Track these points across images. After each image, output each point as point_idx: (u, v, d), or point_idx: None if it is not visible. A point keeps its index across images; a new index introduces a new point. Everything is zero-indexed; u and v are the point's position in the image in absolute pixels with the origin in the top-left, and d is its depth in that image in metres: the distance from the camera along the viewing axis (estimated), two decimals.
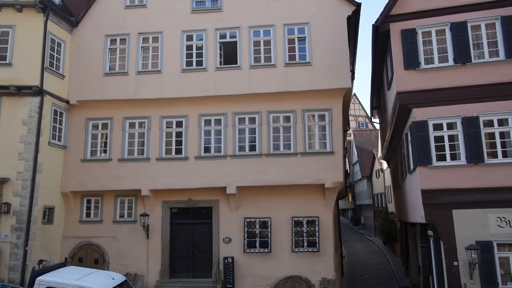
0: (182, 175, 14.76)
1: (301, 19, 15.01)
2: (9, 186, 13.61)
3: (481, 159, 11.37)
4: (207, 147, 15.08)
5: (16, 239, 13.37)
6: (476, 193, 11.29)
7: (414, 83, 12.27)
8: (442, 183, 11.58)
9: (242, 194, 14.79)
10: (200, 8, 15.64)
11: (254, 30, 15.22)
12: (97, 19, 15.96)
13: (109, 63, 15.75)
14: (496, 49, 11.87)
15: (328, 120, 14.61)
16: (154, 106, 15.28)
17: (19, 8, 14.33)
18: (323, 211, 14.55)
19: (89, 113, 15.64)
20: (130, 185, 14.96)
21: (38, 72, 14.18)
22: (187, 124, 15.17)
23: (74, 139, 15.52)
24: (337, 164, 14.30)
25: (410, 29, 12.55)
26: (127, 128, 15.49)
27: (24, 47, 14.26)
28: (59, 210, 15.14)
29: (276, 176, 14.34)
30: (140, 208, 15.27)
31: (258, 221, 14.68)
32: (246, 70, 14.91)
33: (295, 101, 14.73)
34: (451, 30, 12.20)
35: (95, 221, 15.46)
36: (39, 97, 14.18)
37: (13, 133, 13.89)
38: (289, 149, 14.63)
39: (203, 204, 15.16)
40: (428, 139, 11.88)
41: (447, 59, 12.18)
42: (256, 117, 14.95)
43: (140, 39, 15.68)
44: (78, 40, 15.89)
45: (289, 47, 14.95)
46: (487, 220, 11.18)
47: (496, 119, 11.59)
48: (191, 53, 15.38)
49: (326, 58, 14.57)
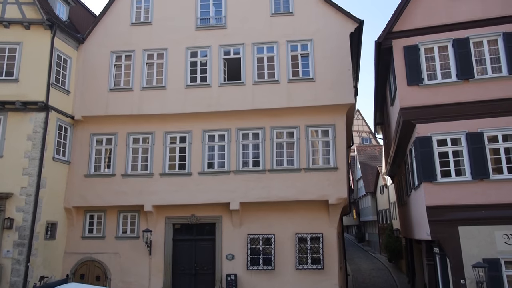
0: (185, 190, 14.73)
1: (304, 36, 15.16)
2: (12, 201, 13.61)
3: (486, 175, 11.28)
4: (210, 162, 15.07)
5: (18, 255, 13.29)
6: (482, 210, 11.17)
7: (417, 99, 12.29)
8: (448, 200, 11.47)
9: (246, 210, 14.70)
10: (205, 25, 15.85)
11: (258, 46, 15.37)
12: (103, 36, 16.20)
13: (114, 79, 15.91)
14: (499, 65, 11.91)
15: (331, 136, 14.61)
16: (158, 122, 15.36)
17: (27, 25, 14.59)
18: (327, 227, 14.41)
19: (94, 129, 15.73)
20: (133, 200, 14.93)
21: (44, 88, 14.33)
22: (190, 139, 15.20)
23: (78, 155, 15.57)
24: (341, 180, 14.23)
25: (412, 45, 12.63)
26: (131, 143, 15.55)
27: (31, 63, 14.45)
28: (61, 225, 15.09)
29: (280, 192, 14.27)
30: (143, 224, 15.19)
31: (261, 237, 14.55)
32: (249, 86, 15.01)
33: (298, 117, 14.77)
34: (454, 46, 12.27)
35: (97, 237, 15.37)
36: (44, 113, 14.30)
37: (18, 148, 13.95)
38: (293, 164, 14.59)
39: (206, 220, 15.07)
40: (432, 155, 11.82)
41: (450, 75, 12.22)
42: (259, 132, 14.97)
43: (145, 56, 15.86)
44: (84, 57, 16.10)
45: (293, 63, 15.07)
46: (494, 237, 11.02)
47: (500, 135, 11.54)
48: (195, 69, 15.53)
49: (329, 74, 14.65)
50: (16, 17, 14.62)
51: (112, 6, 16.42)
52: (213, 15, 15.93)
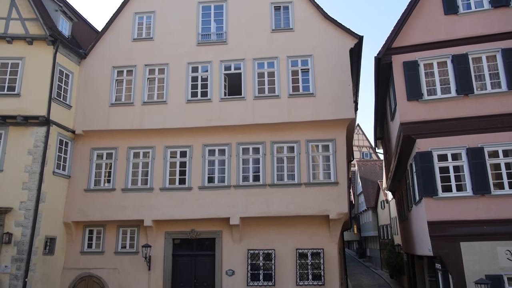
0: (185, 205, 14.66)
1: (305, 51, 15.31)
2: (11, 215, 13.54)
3: (487, 190, 11.24)
4: (210, 177, 15.05)
5: (16, 270, 13.15)
6: (484, 225, 11.10)
7: (417, 114, 12.33)
8: (449, 215, 11.41)
9: (246, 225, 14.61)
10: (206, 41, 16.02)
11: (258, 62, 15.50)
12: (105, 51, 16.35)
13: (116, 93, 16.00)
14: (498, 80, 11.99)
15: (332, 151, 14.61)
16: (158, 136, 15.39)
17: (29, 40, 14.74)
18: (328, 243, 14.31)
19: (94, 143, 15.75)
20: (132, 215, 14.85)
21: (46, 102, 14.40)
22: (191, 154, 15.21)
23: (79, 169, 15.56)
24: (342, 195, 14.18)
25: (412, 61, 12.74)
26: (132, 158, 15.55)
27: (33, 78, 14.56)
28: (60, 240, 14.98)
29: (280, 207, 14.21)
30: (143, 239, 15.09)
31: (261, 253, 14.43)
32: (250, 101, 15.08)
33: (299, 132, 14.81)
34: (453, 62, 12.37)
35: (96, 252, 15.24)
36: (45, 127, 14.34)
37: (18, 163, 13.95)
38: (293, 179, 14.56)
39: (206, 235, 14.97)
40: (433, 170, 11.80)
41: (450, 90, 12.28)
42: (260, 147, 14.98)
43: (146, 71, 15.99)
44: (86, 72, 16.22)
45: (293, 79, 15.18)
46: (496, 253, 10.92)
47: (501, 150, 11.53)
48: (196, 84, 15.62)
49: (330, 89, 14.74)
50: (19, 32, 14.79)
51: (115, 22, 16.63)
52: (214, 31, 16.10)
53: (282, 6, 15.99)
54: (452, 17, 12.79)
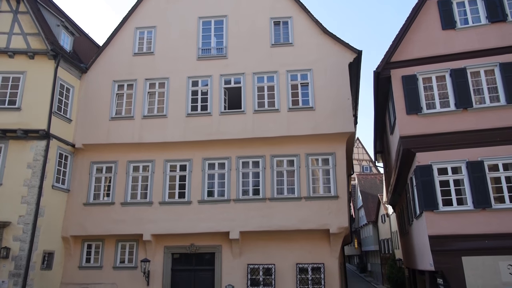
0: (184, 219, 14.58)
1: (304, 65, 15.42)
2: (9, 230, 13.44)
3: (488, 204, 11.19)
4: (210, 191, 15.00)
5: (13, 285, 12.99)
6: (486, 240, 11.01)
7: (416, 127, 12.35)
8: (450, 229, 11.33)
9: (246, 239, 14.50)
10: (206, 55, 16.15)
11: (258, 76, 15.60)
12: (106, 66, 16.48)
13: (116, 107, 16.06)
14: (497, 94, 12.04)
15: (332, 164, 14.60)
16: (158, 150, 15.40)
17: (31, 55, 14.86)
18: (328, 257, 14.18)
19: (94, 157, 15.74)
20: (131, 229, 14.75)
21: (46, 116, 14.44)
22: (191, 167, 15.19)
23: (78, 183, 15.52)
24: (342, 209, 14.11)
25: (410, 75, 12.82)
26: (131, 171, 15.52)
27: (34, 92, 14.62)
28: (58, 255, 14.85)
29: (280, 221, 14.13)
30: (141, 253, 14.96)
31: (261, 267, 14.29)
32: (250, 115, 15.13)
33: (298, 145, 14.81)
34: (451, 76, 12.45)
35: (94, 267, 15.09)
36: (45, 141, 14.35)
37: (18, 176, 13.92)
38: (293, 193, 14.51)
39: (205, 249, 14.84)
40: (433, 183, 11.77)
41: (449, 104, 12.33)
42: (259, 161, 14.97)
43: (147, 85, 16.07)
44: (86, 86, 16.31)
45: (292, 92, 15.25)
46: (499, 268, 10.81)
47: (501, 164, 11.52)
48: (196, 98, 15.69)
49: (329, 103, 14.80)
50: (21, 47, 14.92)
51: (116, 37, 16.80)
52: (214, 46, 16.25)
53: (281, 21, 16.17)
54: (450, 32, 12.93)
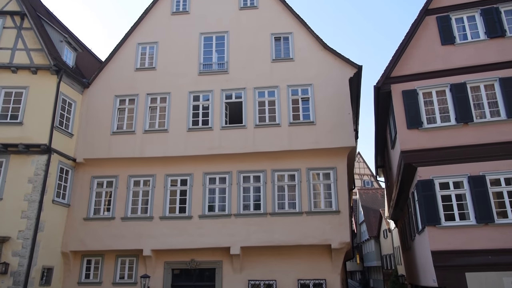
0: (185, 234, 14.48)
1: (305, 80, 15.51)
2: (9, 245, 13.34)
3: (491, 219, 11.10)
4: (211, 205, 14.93)
5: None
6: (489, 255, 10.89)
7: (417, 142, 12.35)
8: (453, 244, 11.22)
9: (246, 254, 14.37)
10: (207, 70, 16.27)
11: (259, 91, 15.68)
12: (108, 81, 16.60)
13: (117, 122, 16.12)
14: (497, 109, 12.07)
15: (333, 179, 14.56)
16: (159, 164, 15.38)
17: (34, 70, 14.99)
18: (330, 273, 14.02)
19: (95, 171, 15.72)
20: (132, 244, 14.64)
21: (48, 131, 14.48)
22: (191, 182, 15.15)
23: (78, 197, 15.47)
24: (344, 224, 14.01)
25: (411, 90, 12.87)
26: (132, 186, 15.48)
27: (36, 107, 14.70)
28: (58, 270, 14.70)
29: (281, 236, 14.02)
30: (141, 269, 14.81)
31: (262, 284, 14.13)
32: (251, 129, 15.16)
33: (299, 160, 14.80)
34: (451, 91, 12.50)
35: (94, 283, 14.92)
36: (46, 155, 14.35)
37: (18, 191, 13.88)
38: (294, 208, 14.43)
39: (206, 265, 14.70)
40: (435, 198, 11.70)
41: (449, 119, 12.35)
42: (260, 175, 14.93)
43: (148, 100, 16.16)
44: (88, 100, 16.40)
45: (293, 107, 15.31)
46: (503, 284, 10.67)
47: (503, 178, 11.47)
48: (198, 112, 15.76)
49: (330, 117, 14.84)
50: (24, 62, 15.07)
51: (118, 52, 16.97)
52: (216, 61, 16.39)
53: (282, 37, 16.35)
54: (449, 48, 13.04)
